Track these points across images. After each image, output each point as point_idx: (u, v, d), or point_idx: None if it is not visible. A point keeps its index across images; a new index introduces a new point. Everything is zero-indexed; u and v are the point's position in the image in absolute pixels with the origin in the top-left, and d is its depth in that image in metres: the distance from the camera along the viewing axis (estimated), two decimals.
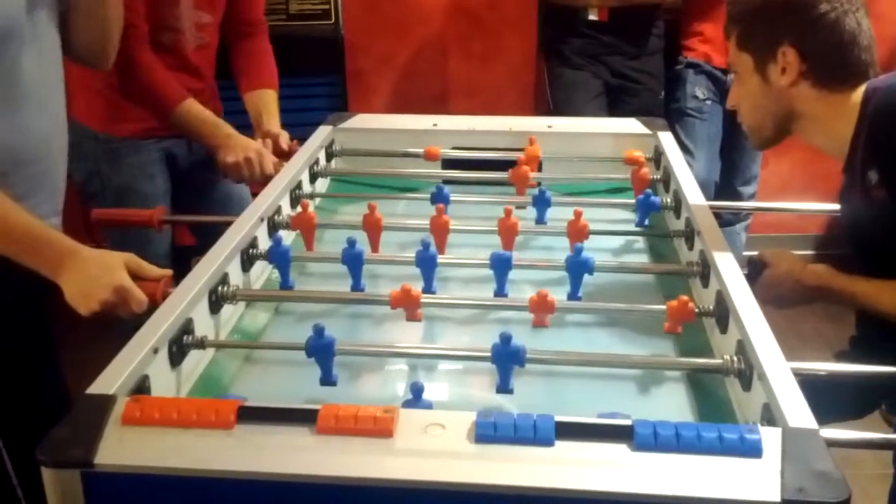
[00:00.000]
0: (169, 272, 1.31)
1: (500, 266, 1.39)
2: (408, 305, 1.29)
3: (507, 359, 1.13)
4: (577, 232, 1.53)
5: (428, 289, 1.39)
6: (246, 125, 2.06)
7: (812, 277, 1.47)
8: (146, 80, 1.89)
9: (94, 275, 1.26)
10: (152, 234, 1.74)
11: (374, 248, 1.55)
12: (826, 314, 3.10)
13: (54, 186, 1.50)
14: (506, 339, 1.12)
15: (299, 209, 1.59)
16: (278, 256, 1.42)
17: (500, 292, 1.39)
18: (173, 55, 1.98)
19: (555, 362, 1.22)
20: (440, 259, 1.41)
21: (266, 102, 2.09)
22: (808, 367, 1.12)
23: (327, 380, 1.17)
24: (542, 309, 1.28)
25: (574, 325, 1.38)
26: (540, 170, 2.00)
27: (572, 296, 1.38)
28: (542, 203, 1.68)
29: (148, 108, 1.92)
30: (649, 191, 1.71)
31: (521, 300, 1.32)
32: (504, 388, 1.14)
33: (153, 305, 1.24)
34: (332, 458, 0.87)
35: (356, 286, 1.41)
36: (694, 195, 1.61)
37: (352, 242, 1.40)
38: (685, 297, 1.27)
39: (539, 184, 1.78)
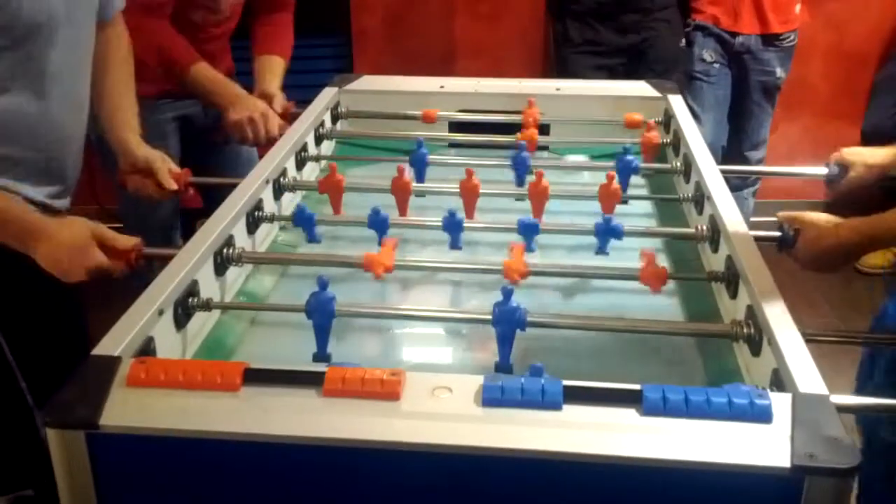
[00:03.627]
0: (138, 240, 1.32)
1: (528, 231, 1.38)
2: (380, 268, 1.28)
3: (507, 323, 1.11)
4: (608, 196, 1.50)
5: (455, 244, 1.40)
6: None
7: (851, 235, 1.35)
8: (158, 42, 1.87)
9: (67, 257, 1.27)
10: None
11: (402, 211, 1.52)
12: (833, 277, 3.09)
13: (71, 172, 1.50)
14: (507, 293, 1.10)
15: (326, 172, 1.56)
16: (304, 221, 1.42)
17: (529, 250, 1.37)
18: (198, 32, 1.98)
19: (563, 326, 1.21)
20: (466, 224, 1.41)
21: (272, 66, 2.07)
22: (818, 332, 1.11)
23: (321, 355, 1.14)
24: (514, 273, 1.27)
25: (582, 289, 1.37)
26: (547, 133, 1.98)
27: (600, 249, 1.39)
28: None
29: (160, 69, 1.90)
30: (628, 146, 1.67)
31: (489, 263, 1.32)
32: (504, 363, 1.12)
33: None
34: (338, 421, 0.86)
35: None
36: (704, 159, 1.59)
37: (376, 210, 1.40)
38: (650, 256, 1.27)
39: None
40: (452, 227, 1.41)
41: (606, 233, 1.38)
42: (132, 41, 1.66)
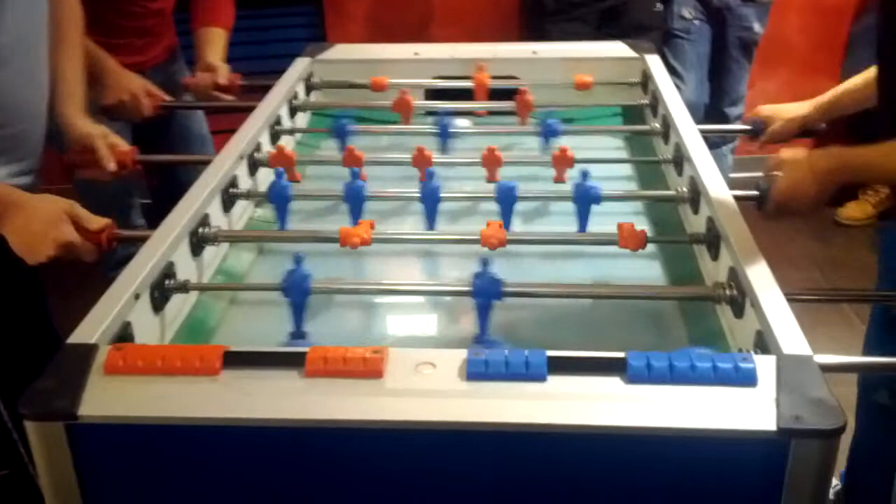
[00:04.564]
0: (109, 221, 1.29)
1: (506, 198, 1.37)
2: (356, 239, 1.26)
3: (485, 294, 1.10)
4: (562, 161, 1.50)
5: (430, 225, 1.37)
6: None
7: (823, 159, 1.35)
8: None
9: (38, 230, 1.23)
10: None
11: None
12: (813, 233, 3.10)
13: (32, 148, 1.46)
14: (485, 263, 1.10)
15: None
16: (278, 196, 1.39)
17: (506, 226, 1.36)
18: (132, 5, 1.94)
19: (544, 295, 1.20)
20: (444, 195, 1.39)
21: (212, 38, 2.03)
22: (800, 291, 1.11)
23: (298, 332, 1.12)
24: (492, 242, 1.26)
25: (564, 256, 1.36)
26: None
27: (581, 228, 1.35)
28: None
29: None
30: (551, 110, 1.66)
31: (467, 233, 1.31)
32: (483, 334, 1.11)
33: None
34: (321, 402, 0.85)
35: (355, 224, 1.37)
36: (683, 120, 1.58)
37: (355, 174, 1.37)
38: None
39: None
40: (429, 199, 1.39)
41: (585, 199, 1.36)
42: None
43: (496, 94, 1.90)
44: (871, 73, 1.52)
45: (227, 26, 2.07)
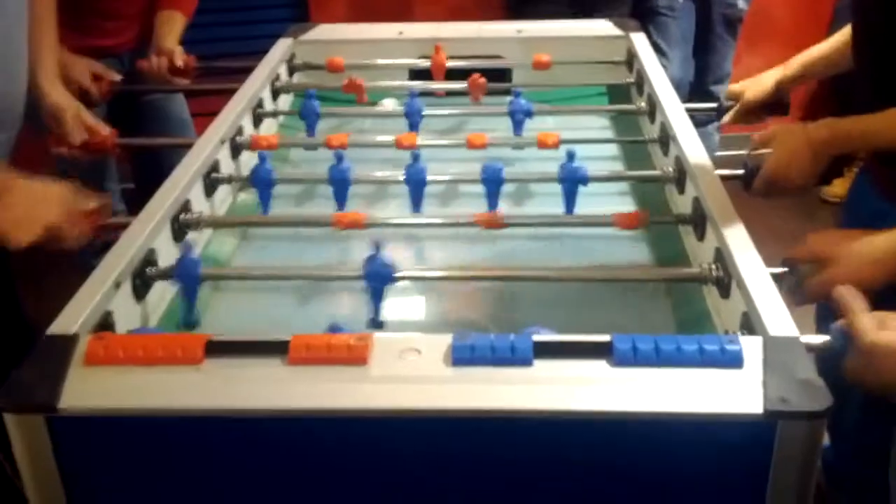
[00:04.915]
0: (105, 202, 1.27)
1: (493, 180, 1.35)
2: (348, 227, 1.27)
3: (379, 279, 1.10)
4: (547, 142, 1.50)
5: (416, 208, 1.36)
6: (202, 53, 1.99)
7: (819, 129, 1.31)
8: None
9: (29, 210, 1.20)
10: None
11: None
12: (800, 211, 3.11)
13: (13, 122, 1.43)
14: (378, 247, 1.10)
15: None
16: (260, 180, 1.37)
17: (492, 208, 1.35)
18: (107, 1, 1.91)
19: (531, 278, 1.20)
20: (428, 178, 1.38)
21: (170, 22, 1.99)
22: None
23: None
24: (488, 224, 1.26)
25: (551, 238, 1.35)
26: (510, 79, 1.94)
27: (568, 209, 1.34)
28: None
29: None
30: (519, 90, 1.64)
31: (462, 216, 1.31)
32: (376, 317, 1.11)
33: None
34: (305, 390, 0.84)
35: (341, 209, 1.36)
36: (669, 99, 1.57)
37: (339, 157, 1.36)
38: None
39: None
40: (415, 182, 1.38)
41: (571, 180, 1.35)
42: None
43: (481, 74, 1.87)
44: (840, 36, 1.50)
45: (188, 12, 2.04)
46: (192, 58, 1.95)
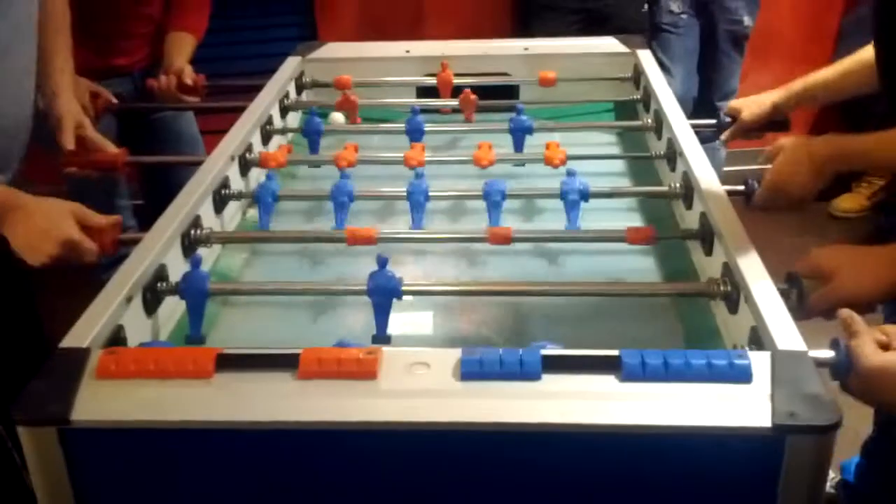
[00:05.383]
0: (117, 218, 1.28)
1: (495, 197, 1.36)
2: (362, 243, 1.27)
3: (384, 294, 1.11)
4: (553, 158, 1.50)
5: (417, 224, 1.37)
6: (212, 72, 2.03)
7: (822, 145, 1.33)
8: None
9: (41, 228, 1.22)
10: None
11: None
12: (807, 227, 3.10)
13: (10, 158, 1.44)
14: (382, 262, 1.10)
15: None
16: (261, 197, 1.39)
17: (494, 223, 1.36)
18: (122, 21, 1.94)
19: (540, 293, 1.20)
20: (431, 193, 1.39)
21: (180, 42, 2.02)
22: None
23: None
24: (498, 240, 1.27)
25: (559, 253, 1.36)
26: (517, 96, 1.96)
27: (570, 225, 1.35)
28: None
29: None
30: (521, 107, 1.65)
31: (474, 231, 1.32)
32: (381, 333, 1.11)
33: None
34: (315, 403, 0.85)
35: (339, 226, 1.37)
36: (675, 115, 1.58)
37: (345, 176, 1.37)
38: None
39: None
40: (416, 201, 1.38)
41: (572, 196, 1.36)
42: None
43: (488, 92, 1.89)
44: (846, 64, 1.52)
45: (197, 33, 2.07)
46: (202, 76, 1.98)
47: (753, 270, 1.05)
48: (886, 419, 1.62)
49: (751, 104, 1.66)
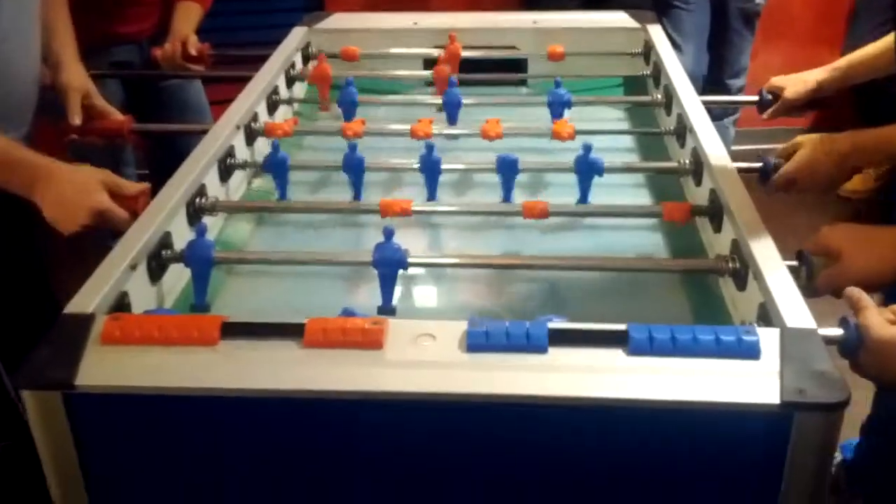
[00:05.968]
0: (146, 186, 1.28)
1: (507, 170, 1.35)
2: (397, 214, 1.26)
3: (390, 265, 1.10)
4: (561, 133, 1.49)
5: (431, 196, 1.36)
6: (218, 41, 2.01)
7: (842, 142, 1.34)
8: None
9: (72, 197, 1.22)
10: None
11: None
12: (815, 205, 3.09)
13: (24, 111, 1.44)
14: (389, 234, 1.09)
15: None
16: (276, 166, 1.37)
17: (506, 198, 1.36)
18: None
19: (546, 266, 1.19)
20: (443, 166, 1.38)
21: (187, 12, 2.00)
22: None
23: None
24: (534, 214, 1.26)
25: (566, 228, 1.35)
26: (525, 70, 1.94)
27: (582, 200, 1.34)
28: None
29: None
30: (559, 80, 1.63)
31: (509, 205, 1.30)
32: (387, 304, 1.10)
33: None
34: (320, 372, 0.84)
35: (358, 197, 1.37)
36: (685, 91, 1.56)
37: (353, 147, 1.36)
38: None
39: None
40: (430, 171, 1.37)
41: (587, 170, 1.35)
42: None
43: (496, 65, 1.88)
44: (885, 42, 1.50)
45: (204, 3, 2.05)
46: (207, 45, 1.96)
47: (763, 247, 1.04)
48: (885, 400, 1.63)
49: (794, 81, 1.64)
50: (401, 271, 1.12)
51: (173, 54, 1.92)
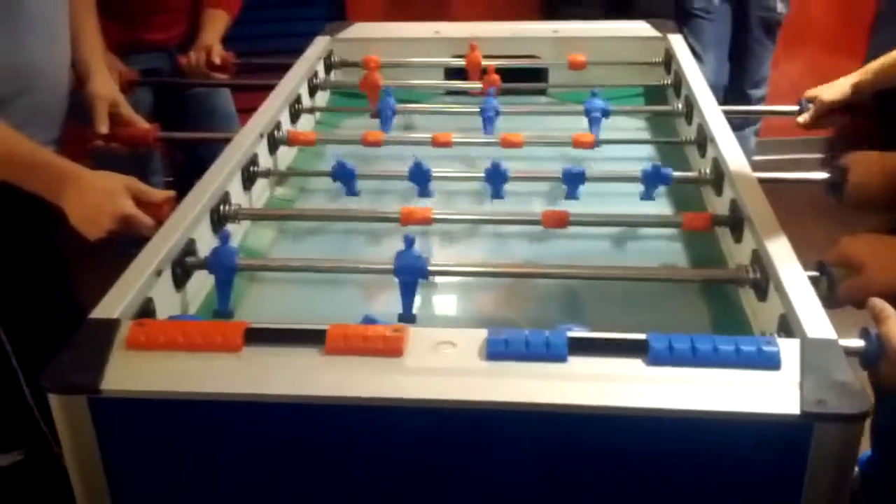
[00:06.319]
0: (172, 193, 1.29)
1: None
2: (418, 223, 1.28)
3: (411, 273, 1.10)
4: (582, 142, 1.50)
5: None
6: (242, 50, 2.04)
7: (892, 158, 1.32)
8: None
9: (97, 203, 1.23)
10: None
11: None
12: (835, 220, 3.07)
13: (54, 116, 1.46)
14: (409, 242, 1.10)
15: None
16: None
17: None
18: None
19: (565, 276, 1.20)
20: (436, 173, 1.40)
21: (213, 19, 2.04)
22: None
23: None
24: (555, 222, 1.26)
25: (584, 237, 1.35)
26: (546, 79, 1.95)
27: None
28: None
29: None
30: (596, 90, 1.65)
31: (529, 213, 1.30)
32: (407, 312, 1.11)
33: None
34: (341, 379, 0.85)
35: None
36: (706, 100, 1.56)
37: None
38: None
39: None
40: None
41: (654, 179, 1.36)
42: None
43: (517, 75, 1.88)
44: None
45: (231, 11, 2.08)
46: (231, 54, 1.99)
47: (783, 258, 1.04)
48: (885, 409, 1.63)
49: (829, 88, 1.64)
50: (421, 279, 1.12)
51: (197, 63, 1.95)
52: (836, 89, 1.61)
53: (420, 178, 1.39)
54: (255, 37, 2.80)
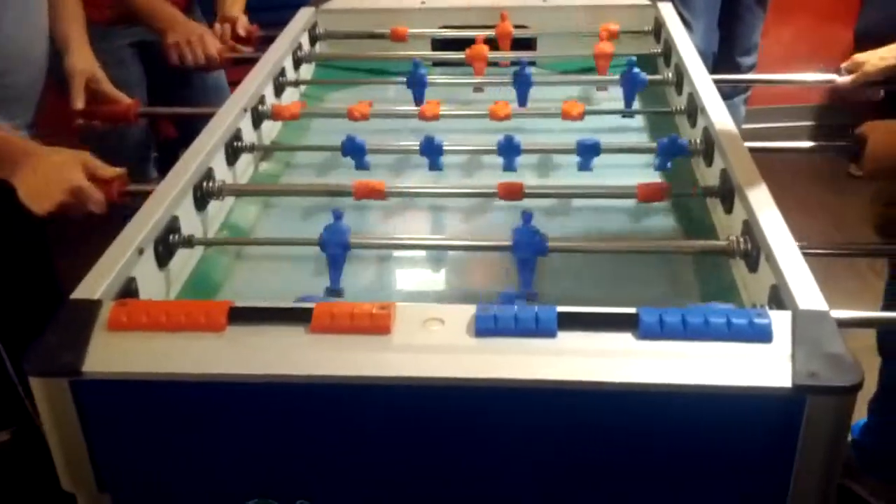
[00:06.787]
0: (123, 170, 1.26)
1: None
2: (373, 197, 1.27)
3: (528, 249, 1.09)
4: (570, 113, 1.48)
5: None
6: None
7: None
8: None
9: (49, 175, 1.20)
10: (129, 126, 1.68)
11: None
12: (827, 185, 3.06)
13: (30, 98, 1.43)
14: (527, 217, 1.08)
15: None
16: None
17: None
18: None
19: (553, 249, 1.18)
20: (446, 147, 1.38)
21: None
22: (816, 246, 1.09)
23: (335, 288, 1.11)
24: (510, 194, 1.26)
25: (573, 209, 1.34)
26: (534, 48, 1.92)
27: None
28: (523, 83, 1.59)
29: None
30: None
31: (483, 186, 1.31)
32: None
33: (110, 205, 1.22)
34: (328, 358, 0.84)
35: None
36: (696, 69, 1.54)
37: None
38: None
39: (515, 63, 1.67)
40: (431, 150, 1.37)
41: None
42: None
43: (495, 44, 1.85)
44: None
45: None
46: (255, 27, 1.95)
47: (774, 228, 1.03)
48: (890, 378, 1.63)
49: (872, 55, 1.64)
50: (398, 253, 1.13)
51: (223, 35, 1.91)
52: (878, 60, 1.62)
53: (431, 151, 1.37)
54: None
